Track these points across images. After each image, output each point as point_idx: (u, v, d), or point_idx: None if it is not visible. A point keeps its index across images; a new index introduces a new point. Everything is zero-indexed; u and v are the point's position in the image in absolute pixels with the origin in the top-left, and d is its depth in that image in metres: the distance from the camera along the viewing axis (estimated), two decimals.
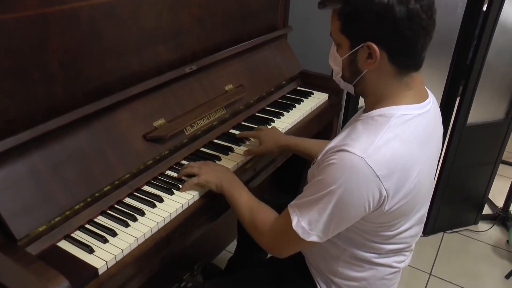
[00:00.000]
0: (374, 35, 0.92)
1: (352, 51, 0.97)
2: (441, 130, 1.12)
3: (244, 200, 1.20)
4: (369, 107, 1.03)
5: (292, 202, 1.05)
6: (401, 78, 0.98)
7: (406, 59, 0.95)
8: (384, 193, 0.93)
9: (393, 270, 1.15)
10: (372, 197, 0.93)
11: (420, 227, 1.14)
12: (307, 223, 0.99)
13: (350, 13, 0.93)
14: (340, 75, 1.05)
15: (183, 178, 1.32)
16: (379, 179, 0.91)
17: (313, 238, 1.00)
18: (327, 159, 0.96)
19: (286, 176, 2.22)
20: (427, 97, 1.04)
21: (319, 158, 1.03)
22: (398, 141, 0.94)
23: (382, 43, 0.92)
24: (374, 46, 0.92)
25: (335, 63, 1.04)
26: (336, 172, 0.93)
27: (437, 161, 1.12)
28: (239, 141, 1.56)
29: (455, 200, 2.39)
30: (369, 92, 1.03)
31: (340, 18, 0.95)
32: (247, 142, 1.56)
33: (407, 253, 1.16)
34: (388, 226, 1.03)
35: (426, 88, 1.07)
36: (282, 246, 1.10)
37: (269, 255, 1.56)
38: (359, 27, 0.93)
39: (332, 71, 1.09)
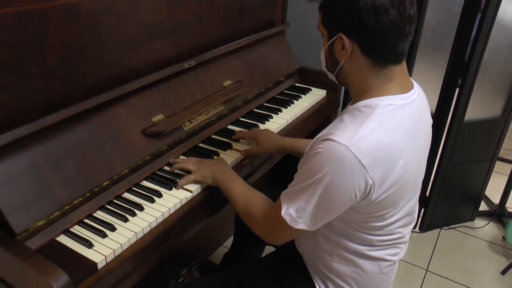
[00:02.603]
0: (344, 27, 0.96)
1: (329, 42, 1.01)
2: (430, 120, 1.13)
3: (238, 189, 1.22)
4: (355, 99, 1.05)
5: (284, 191, 1.07)
6: (379, 71, 0.99)
7: (379, 53, 0.97)
8: (370, 181, 0.94)
9: (388, 263, 1.15)
10: (358, 186, 0.94)
11: (411, 218, 1.15)
12: (294, 211, 1.01)
13: (325, 5, 1.00)
14: (324, 64, 1.10)
15: (179, 173, 1.33)
16: (364, 168, 0.92)
17: (301, 225, 1.02)
18: (314, 148, 0.98)
19: (281, 173, 2.22)
20: (412, 88, 1.04)
21: (307, 149, 1.04)
22: (383, 130, 0.95)
23: (352, 36, 0.96)
24: (345, 38, 0.96)
25: (322, 53, 1.09)
26: (321, 161, 0.95)
27: (427, 151, 1.13)
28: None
29: (452, 197, 2.40)
30: (350, 83, 1.05)
31: (320, 9, 1.01)
32: (245, 140, 1.57)
33: (401, 245, 1.16)
34: (378, 217, 1.04)
35: (411, 79, 1.08)
36: (275, 233, 1.13)
37: (264, 253, 1.56)
38: (331, 19, 0.99)
39: None
